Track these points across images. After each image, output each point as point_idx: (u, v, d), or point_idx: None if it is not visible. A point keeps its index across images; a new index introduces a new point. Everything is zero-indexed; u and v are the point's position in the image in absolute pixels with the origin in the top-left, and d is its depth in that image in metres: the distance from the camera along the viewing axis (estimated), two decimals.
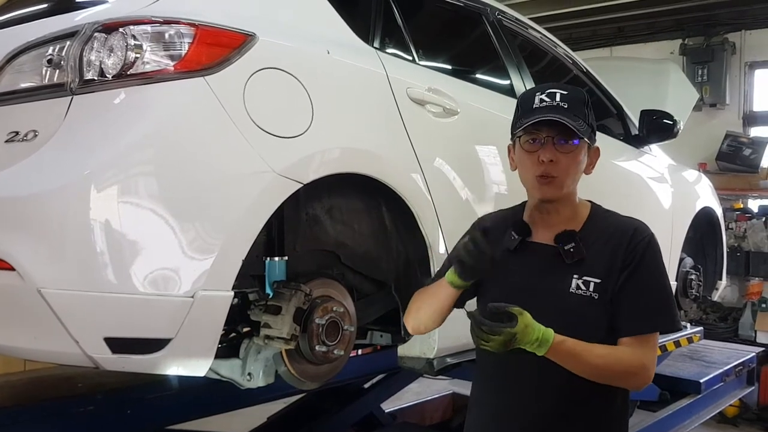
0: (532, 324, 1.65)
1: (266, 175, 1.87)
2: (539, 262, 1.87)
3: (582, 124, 1.81)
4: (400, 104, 2.35)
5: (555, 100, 1.82)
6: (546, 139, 1.82)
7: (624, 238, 1.82)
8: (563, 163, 1.82)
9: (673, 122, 3.87)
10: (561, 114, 1.79)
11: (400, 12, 2.63)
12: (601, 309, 1.79)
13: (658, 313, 1.81)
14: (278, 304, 2.02)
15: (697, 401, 4.72)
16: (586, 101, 1.88)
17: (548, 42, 3.65)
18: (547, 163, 1.81)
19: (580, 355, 1.71)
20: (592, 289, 1.79)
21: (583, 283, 1.79)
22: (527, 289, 1.83)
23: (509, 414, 1.89)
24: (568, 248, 1.82)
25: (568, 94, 1.84)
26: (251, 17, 2.01)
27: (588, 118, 1.85)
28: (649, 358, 1.79)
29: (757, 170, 7.88)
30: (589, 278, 1.79)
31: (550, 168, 1.81)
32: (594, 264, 1.81)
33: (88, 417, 2.48)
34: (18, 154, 1.75)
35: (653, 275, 1.82)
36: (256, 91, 1.89)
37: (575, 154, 1.83)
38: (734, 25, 8.23)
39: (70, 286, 1.64)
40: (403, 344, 2.54)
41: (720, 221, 4.84)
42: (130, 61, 1.76)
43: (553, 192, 1.84)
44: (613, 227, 1.87)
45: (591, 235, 1.86)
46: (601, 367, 1.73)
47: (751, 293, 7.63)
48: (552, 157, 1.81)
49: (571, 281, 1.80)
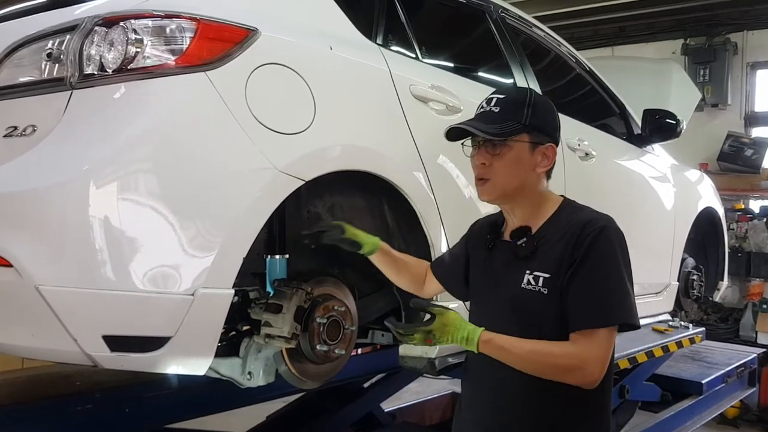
0: (454, 323, 1.74)
1: (268, 171, 1.85)
2: (502, 260, 1.94)
3: (510, 125, 1.84)
4: (403, 101, 2.33)
5: (490, 105, 1.90)
6: (478, 143, 1.91)
7: (575, 231, 1.80)
8: (495, 165, 1.87)
9: (675, 122, 3.86)
10: (487, 120, 1.87)
11: (403, 9, 2.61)
12: (550, 304, 1.79)
13: (603, 307, 1.76)
14: (279, 302, 2.01)
15: (698, 402, 4.71)
16: (527, 102, 1.89)
17: (551, 40, 3.64)
18: (481, 166, 1.89)
19: (510, 351, 1.75)
20: (541, 284, 1.80)
21: (533, 278, 1.82)
22: (490, 284, 1.94)
23: (483, 404, 1.96)
24: (519, 243, 1.87)
25: (505, 98, 1.90)
26: (253, 12, 1.99)
27: (525, 118, 1.86)
28: (591, 353, 1.73)
29: (759, 171, 7.88)
30: (539, 273, 1.81)
31: (483, 171, 1.89)
32: (546, 259, 1.82)
33: (86, 415, 2.46)
34: (17, 149, 1.72)
35: (600, 268, 1.77)
36: (258, 86, 1.87)
37: (508, 156, 1.86)
38: (736, 25, 8.23)
39: (68, 283, 1.62)
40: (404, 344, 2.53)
41: (721, 222, 4.84)
42: (131, 56, 1.74)
43: (488, 194, 1.91)
44: (572, 221, 1.85)
45: (549, 231, 1.87)
46: (532, 361, 1.75)
47: (752, 294, 7.62)
48: (484, 160, 1.89)
49: (523, 277, 1.83)
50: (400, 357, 2.57)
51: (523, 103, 1.88)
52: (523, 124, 1.85)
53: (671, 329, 4.68)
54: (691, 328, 4.78)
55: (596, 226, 1.80)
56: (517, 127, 1.85)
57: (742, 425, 6.84)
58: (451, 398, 4.86)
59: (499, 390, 1.89)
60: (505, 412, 1.88)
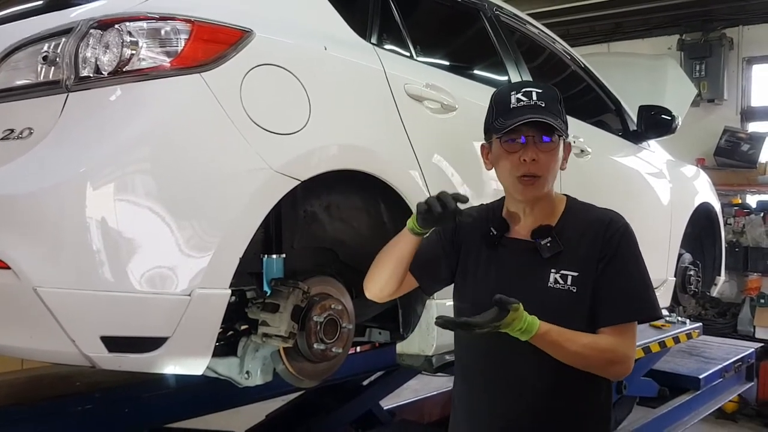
0: (521, 316, 1.67)
1: (263, 172, 1.86)
2: (516, 258, 1.89)
3: (559, 121, 1.83)
4: (398, 100, 2.34)
5: (532, 99, 1.83)
6: (528, 138, 1.82)
7: (600, 230, 1.83)
8: (544, 161, 1.83)
9: (671, 118, 3.87)
10: (541, 113, 1.81)
11: (397, 8, 2.62)
12: (580, 301, 1.80)
13: (636, 302, 1.82)
14: (276, 302, 2.01)
15: (696, 397, 4.73)
16: (559, 98, 1.89)
17: (546, 38, 3.65)
18: (530, 163, 1.82)
19: (563, 345, 1.74)
20: (570, 283, 1.80)
21: (561, 277, 1.81)
22: (504, 285, 1.81)
23: (493, 411, 1.91)
24: (544, 243, 1.84)
25: (544, 93, 1.85)
26: (248, 13, 1.99)
27: (562, 114, 1.87)
28: (629, 347, 1.81)
29: (756, 165, 7.87)
30: (566, 272, 1.81)
31: (533, 168, 1.82)
32: (571, 257, 1.83)
33: (86, 416, 2.46)
34: (13, 152, 1.73)
35: (629, 264, 1.83)
36: (253, 87, 1.88)
37: (555, 151, 1.85)
38: (732, 20, 8.21)
39: (66, 284, 1.63)
40: (401, 341, 2.54)
41: (718, 217, 4.85)
42: (126, 58, 1.75)
43: (536, 192, 1.86)
44: (589, 219, 1.88)
45: (567, 229, 1.87)
46: (583, 356, 1.76)
47: (750, 289, 7.63)
48: (534, 157, 1.82)
49: (549, 276, 1.82)
50: (397, 355, 2.58)
51: (557, 99, 1.88)
52: (563, 121, 1.86)
53: (668, 325, 4.70)
54: (688, 324, 4.79)
55: (620, 224, 1.85)
56: (563, 124, 1.86)
57: (740, 420, 6.86)
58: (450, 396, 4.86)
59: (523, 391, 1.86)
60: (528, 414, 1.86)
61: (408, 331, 2.49)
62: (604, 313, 1.80)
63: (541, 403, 1.85)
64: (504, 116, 1.84)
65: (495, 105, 1.91)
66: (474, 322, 1.65)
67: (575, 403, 1.86)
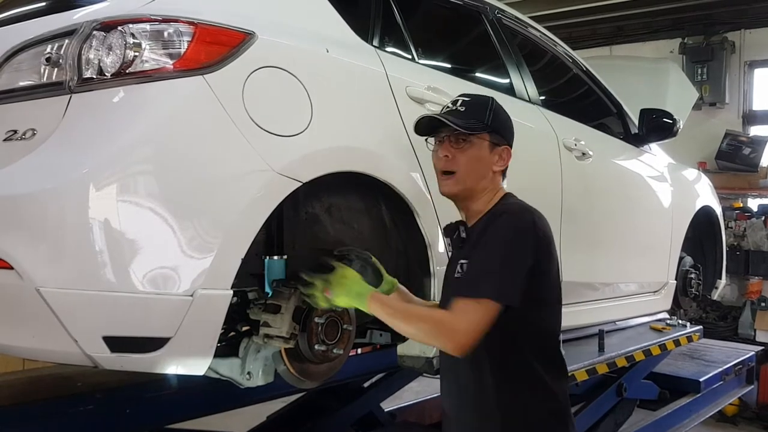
0: (352, 277, 1.87)
1: (265, 173, 1.87)
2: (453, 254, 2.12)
3: (474, 123, 2.00)
4: (400, 103, 2.35)
5: (456, 105, 2.05)
6: (443, 138, 2.05)
7: (490, 220, 1.98)
8: (459, 159, 2.01)
9: (672, 121, 3.87)
10: (454, 116, 2.02)
11: (399, 10, 2.62)
12: None
13: (471, 281, 1.88)
14: (277, 303, 2.02)
15: (696, 400, 4.72)
16: (489, 106, 2.07)
17: (548, 41, 3.65)
18: (444, 159, 2.03)
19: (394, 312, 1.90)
20: (464, 270, 1.95)
21: (461, 266, 1.97)
22: (445, 278, 2.12)
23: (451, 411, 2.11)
24: (455, 238, 2.04)
25: (470, 100, 2.07)
26: (250, 15, 2.00)
27: (487, 119, 2.03)
28: (461, 321, 1.82)
29: (757, 169, 7.87)
30: (463, 261, 1.97)
31: (447, 164, 2.02)
32: (469, 248, 1.98)
33: (87, 416, 2.46)
34: (16, 153, 1.74)
35: (488, 245, 1.91)
36: (255, 89, 1.88)
37: (470, 151, 2.01)
38: (734, 24, 8.23)
39: (68, 284, 1.63)
40: (402, 343, 2.54)
41: (719, 220, 4.84)
42: (129, 60, 1.76)
43: (452, 187, 2.03)
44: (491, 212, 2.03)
45: (478, 224, 2.02)
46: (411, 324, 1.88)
47: (751, 292, 7.62)
48: (448, 153, 2.02)
49: (457, 266, 1.99)
50: (398, 356, 2.58)
51: (486, 107, 2.06)
52: (485, 124, 2.03)
53: (669, 328, 4.69)
54: (688, 327, 4.79)
55: (499, 213, 1.98)
56: (481, 125, 2.02)
57: (740, 423, 6.85)
58: None
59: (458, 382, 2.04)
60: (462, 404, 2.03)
61: None
62: (455, 288, 1.93)
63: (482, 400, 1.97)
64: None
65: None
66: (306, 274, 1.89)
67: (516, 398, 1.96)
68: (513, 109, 2.23)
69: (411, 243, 2.44)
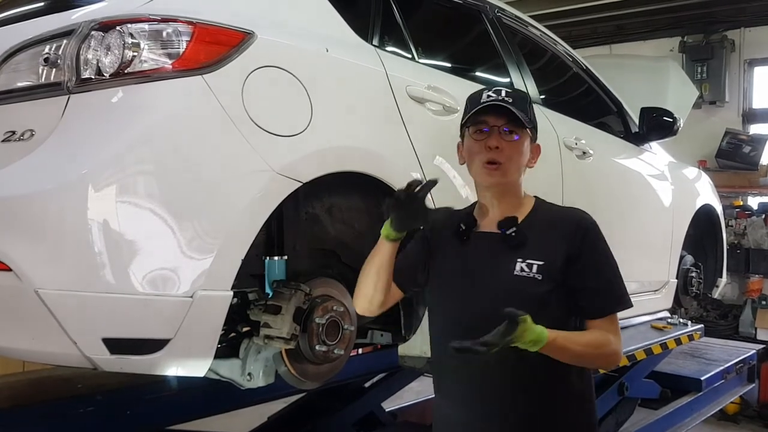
0: (531, 327, 1.70)
1: (265, 174, 1.86)
2: (484, 249, 1.97)
3: (524, 115, 1.94)
4: (400, 102, 2.34)
5: (501, 95, 1.95)
6: (493, 128, 1.94)
7: (570, 226, 1.93)
8: (507, 150, 1.93)
9: (673, 120, 3.87)
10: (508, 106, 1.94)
11: (399, 10, 2.62)
12: (544, 289, 1.87)
13: (617, 293, 1.92)
14: (278, 303, 2.01)
15: (698, 399, 4.72)
16: (529, 101, 2.01)
17: (548, 39, 3.64)
18: (494, 150, 1.93)
19: (569, 348, 1.80)
20: (535, 271, 1.87)
21: (527, 265, 1.88)
22: (471, 274, 1.94)
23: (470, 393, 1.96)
24: (509, 232, 1.93)
25: (513, 92, 1.99)
26: (250, 15, 1.99)
27: (530, 114, 1.97)
28: (617, 337, 1.90)
29: (757, 167, 7.86)
30: (532, 261, 1.88)
31: (496, 154, 1.93)
32: (537, 247, 1.90)
33: (87, 418, 2.46)
34: (15, 154, 1.73)
35: (605, 258, 1.93)
36: (254, 89, 1.88)
37: (518, 143, 1.95)
38: (733, 22, 8.21)
39: (67, 286, 1.63)
40: (403, 343, 2.54)
41: (720, 218, 4.84)
42: (128, 60, 1.75)
43: (499, 178, 1.95)
44: (557, 216, 1.99)
45: (534, 223, 1.96)
46: (585, 354, 1.84)
47: (752, 290, 7.62)
48: (498, 144, 1.93)
49: (515, 264, 1.89)
50: (399, 357, 2.58)
51: (527, 101, 2.01)
52: (530, 119, 1.96)
53: (670, 326, 4.69)
54: (689, 325, 4.78)
55: (590, 221, 1.95)
56: (527, 120, 1.95)
57: (741, 421, 6.84)
58: None
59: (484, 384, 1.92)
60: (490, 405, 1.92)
61: (410, 332, 2.48)
62: (591, 307, 1.90)
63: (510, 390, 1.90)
64: (474, 110, 1.97)
65: (468, 103, 2.02)
66: (488, 341, 1.65)
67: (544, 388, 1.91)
68: None
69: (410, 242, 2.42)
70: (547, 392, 1.91)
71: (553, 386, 1.91)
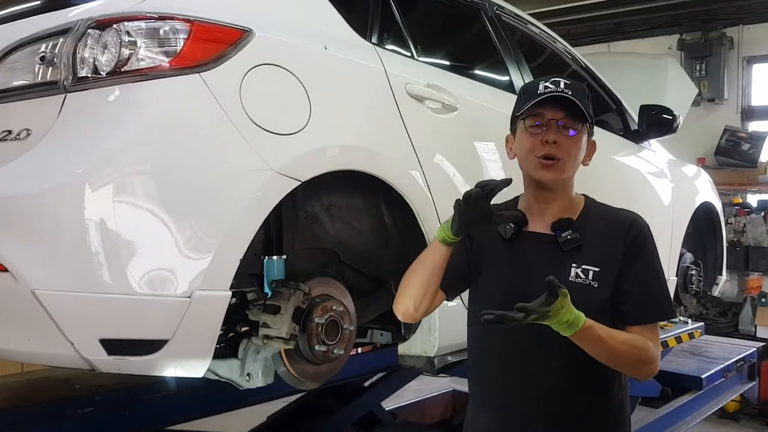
0: (568, 306, 1.62)
1: (264, 172, 1.85)
2: (535, 252, 1.87)
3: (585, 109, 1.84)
4: (399, 100, 2.33)
5: (559, 87, 1.84)
6: (551, 121, 1.83)
7: (622, 229, 1.85)
8: (566, 146, 1.83)
9: (672, 117, 3.86)
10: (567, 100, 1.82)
11: (398, 7, 2.60)
12: (600, 297, 1.79)
13: (660, 302, 1.85)
14: (277, 303, 2.00)
15: (698, 397, 4.72)
16: (587, 94, 1.88)
17: (547, 37, 3.64)
18: (551, 145, 1.82)
19: (605, 341, 1.71)
20: (591, 278, 1.80)
21: (582, 271, 1.81)
22: (520, 278, 1.83)
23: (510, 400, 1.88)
24: (565, 235, 1.84)
25: (572, 84, 1.86)
26: (247, 12, 1.98)
27: (588, 108, 1.86)
28: (657, 347, 1.82)
29: (756, 165, 7.87)
30: (588, 267, 1.81)
31: (553, 150, 1.82)
32: (592, 253, 1.82)
33: (86, 419, 2.46)
34: (11, 153, 1.72)
35: (654, 265, 1.85)
36: (252, 87, 1.86)
37: (577, 139, 1.85)
38: (732, 19, 8.21)
39: (64, 287, 1.61)
40: (403, 343, 2.52)
41: (719, 216, 4.84)
42: (125, 58, 1.74)
43: (554, 175, 1.84)
44: (610, 218, 1.90)
45: (587, 225, 1.87)
46: (620, 353, 1.74)
47: (751, 288, 7.62)
48: (556, 139, 1.82)
49: (569, 270, 1.81)
50: (399, 356, 2.57)
51: (586, 94, 1.88)
52: (589, 114, 1.86)
53: (670, 324, 4.68)
54: (690, 323, 4.78)
55: (642, 224, 1.87)
56: (588, 114, 1.85)
57: (742, 419, 6.85)
58: (452, 396, 4.86)
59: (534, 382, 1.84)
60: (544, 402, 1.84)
61: (410, 332, 2.47)
62: (633, 312, 1.80)
63: (554, 399, 1.83)
64: (530, 101, 1.85)
65: (523, 94, 1.92)
66: (526, 307, 1.58)
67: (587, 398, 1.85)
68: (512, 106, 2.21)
69: (411, 242, 2.42)
70: (588, 402, 1.84)
71: (596, 396, 1.85)
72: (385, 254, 2.41)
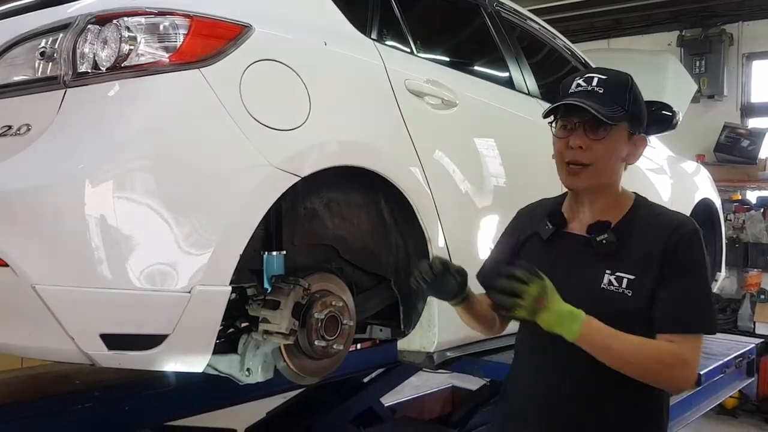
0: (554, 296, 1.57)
1: (263, 168, 1.85)
2: (570, 255, 1.78)
3: (617, 109, 1.70)
4: (399, 96, 2.33)
5: (591, 84, 1.73)
6: (576, 125, 1.73)
7: (665, 232, 1.70)
8: (595, 150, 1.71)
9: (672, 114, 3.85)
10: (593, 99, 1.70)
11: (397, 3, 2.60)
12: (634, 306, 1.67)
13: (704, 314, 1.69)
14: (277, 298, 2.00)
15: (696, 393, 4.69)
16: (628, 86, 1.77)
17: (547, 33, 3.64)
18: (577, 150, 1.72)
19: (614, 342, 1.60)
20: (625, 286, 1.68)
21: (616, 279, 1.69)
22: (556, 282, 1.66)
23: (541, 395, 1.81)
24: (600, 239, 1.72)
25: (608, 79, 1.74)
26: (247, 8, 1.98)
27: (628, 104, 1.73)
28: (692, 356, 1.64)
29: (755, 161, 7.85)
30: (622, 274, 1.69)
31: (580, 155, 1.72)
32: (629, 259, 1.70)
33: (86, 414, 2.46)
34: (11, 149, 1.72)
35: (697, 273, 1.69)
36: (252, 83, 1.86)
37: (609, 141, 1.72)
38: (731, 16, 8.19)
39: (65, 281, 1.62)
40: (402, 338, 2.53)
41: (719, 213, 4.84)
42: (124, 53, 1.74)
43: (581, 182, 1.75)
44: (654, 221, 1.75)
45: (629, 228, 1.74)
46: (637, 355, 1.61)
47: (750, 284, 7.61)
48: (582, 144, 1.71)
49: (603, 276, 1.70)
50: (398, 351, 2.57)
51: (626, 87, 1.76)
52: (625, 110, 1.72)
53: None
54: None
55: (688, 228, 1.72)
56: (622, 112, 1.71)
57: (740, 415, 6.85)
58: (451, 392, 4.86)
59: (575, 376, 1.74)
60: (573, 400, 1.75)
61: (409, 327, 2.48)
62: (665, 320, 1.66)
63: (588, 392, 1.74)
64: (558, 101, 1.77)
65: (560, 89, 1.82)
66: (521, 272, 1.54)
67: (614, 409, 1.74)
68: (512, 102, 2.21)
69: (411, 237, 2.42)
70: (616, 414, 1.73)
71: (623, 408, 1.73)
72: (384, 250, 2.41)
